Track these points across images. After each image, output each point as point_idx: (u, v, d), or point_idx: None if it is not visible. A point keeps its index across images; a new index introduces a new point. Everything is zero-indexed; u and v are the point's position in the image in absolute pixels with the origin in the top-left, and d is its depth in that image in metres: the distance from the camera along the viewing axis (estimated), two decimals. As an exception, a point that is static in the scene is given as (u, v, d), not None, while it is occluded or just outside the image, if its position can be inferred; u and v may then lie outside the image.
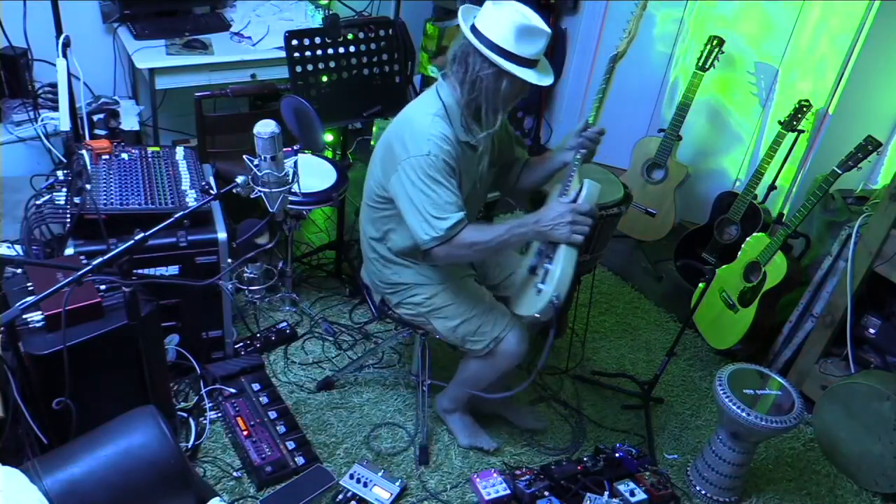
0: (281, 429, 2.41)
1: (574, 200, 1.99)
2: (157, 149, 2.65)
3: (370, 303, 3.04)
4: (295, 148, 2.79)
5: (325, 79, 3.17)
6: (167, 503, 1.63)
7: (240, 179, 1.84)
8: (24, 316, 1.80)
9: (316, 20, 3.63)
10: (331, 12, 3.40)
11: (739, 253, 2.94)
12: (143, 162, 2.55)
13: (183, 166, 2.59)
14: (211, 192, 2.43)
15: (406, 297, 2.24)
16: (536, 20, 1.92)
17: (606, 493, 2.28)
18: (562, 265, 2.01)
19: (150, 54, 3.18)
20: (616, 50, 2.19)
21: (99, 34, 3.44)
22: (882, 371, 2.65)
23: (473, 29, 1.94)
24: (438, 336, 2.28)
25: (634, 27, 2.24)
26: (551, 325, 2.04)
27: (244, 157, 1.85)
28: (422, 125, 1.99)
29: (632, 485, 2.31)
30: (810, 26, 3.14)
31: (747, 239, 2.92)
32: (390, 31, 3.30)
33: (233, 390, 2.51)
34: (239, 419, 2.41)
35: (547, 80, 1.97)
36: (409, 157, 1.97)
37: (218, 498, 1.73)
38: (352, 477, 2.28)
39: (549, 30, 1.93)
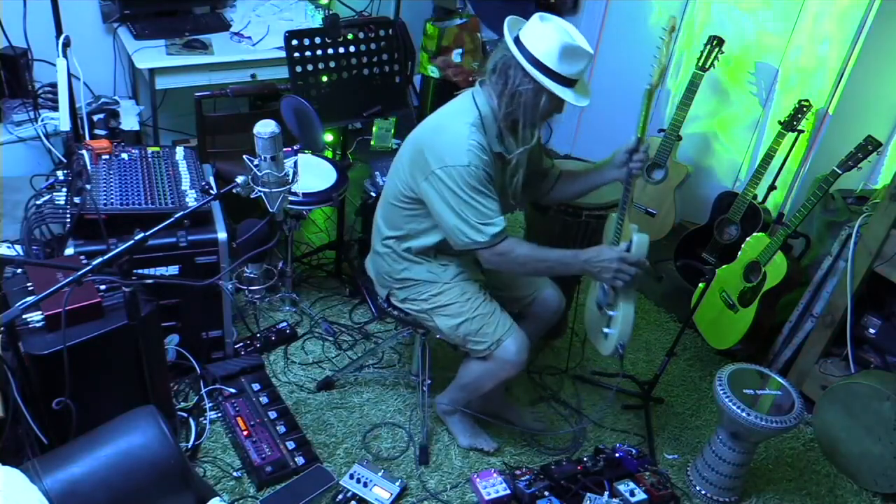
0: (281, 429, 2.41)
1: (627, 250, 2.13)
2: (157, 149, 2.65)
3: (370, 302, 3.05)
4: (295, 148, 2.79)
5: (325, 79, 3.17)
6: (167, 503, 1.63)
7: (240, 179, 1.84)
8: (24, 316, 1.80)
9: (316, 20, 3.63)
10: (331, 12, 3.40)
11: (739, 253, 2.94)
12: (143, 162, 2.55)
13: (183, 166, 2.59)
14: (211, 192, 2.43)
15: (413, 293, 2.25)
16: (581, 40, 1.93)
17: (606, 493, 2.28)
18: (622, 312, 2.19)
19: (150, 54, 3.19)
20: (649, 84, 2.18)
21: (99, 34, 3.44)
22: (882, 371, 2.65)
23: (517, 41, 1.95)
24: (440, 335, 2.28)
25: (664, 56, 2.19)
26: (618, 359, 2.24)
27: (244, 157, 1.85)
28: (459, 134, 2.00)
29: (632, 485, 2.31)
30: (810, 26, 3.14)
31: (747, 239, 2.92)
32: (390, 31, 3.30)
33: (233, 390, 2.51)
34: (239, 419, 2.41)
35: (584, 102, 1.99)
36: (445, 167, 1.98)
37: (218, 498, 1.73)
38: (352, 477, 2.28)
39: (591, 51, 1.94)
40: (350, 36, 3.20)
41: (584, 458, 2.41)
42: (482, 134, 2.01)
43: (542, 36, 1.91)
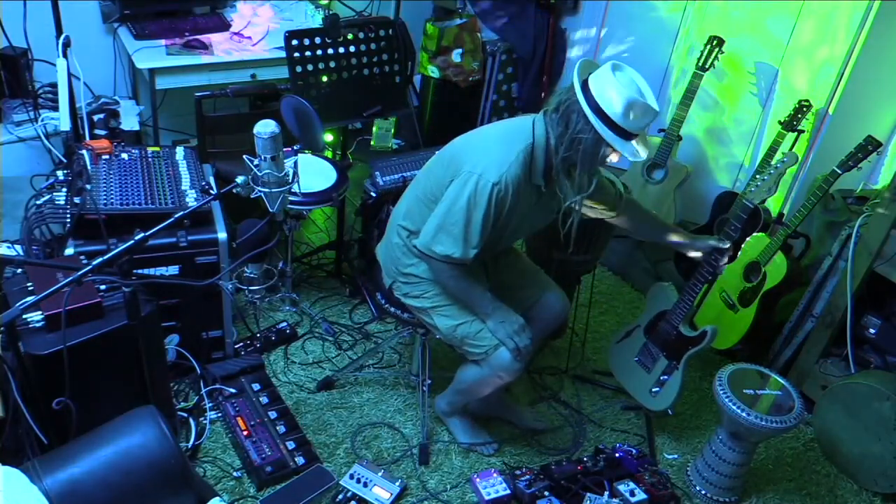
0: (281, 429, 2.41)
1: (702, 336, 2.36)
2: (157, 149, 2.65)
3: (370, 302, 3.05)
4: (295, 148, 2.79)
5: (325, 79, 3.17)
6: (167, 503, 1.63)
7: (240, 179, 1.84)
8: (24, 316, 1.80)
9: (316, 20, 3.63)
10: (331, 12, 3.40)
11: (739, 253, 2.94)
12: (143, 162, 2.55)
13: (183, 166, 2.59)
14: (211, 192, 2.43)
15: (416, 290, 2.25)
16: (650, 97, 1.93)
17: (606, 493, 2.28)
18: (680, 381, 2.41)
19: (150, 54, 3.19)
20: (750, 202, 2.20)
21: (99, 34, 3.44)
22: (882, 371, 2.65)
23: (585, 86, 1.94)
24: (438, 335, 2.28)
25: (774, 183, 2.17)
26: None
27: (244, 157, 1.85)
28: (506, 155, 2.01)
29: (632, 485, 2.31)
30: (810, 26, 3.14)
31: (747, 239, 2.92)
32: (390, 31, 3.30)
33: (233, 390, 2.51)
34: (239, 419, 2.41)
35: (641, 158, 1.99)
36: (476, 174, 1.99)
37: (218, 498, 1.73)
38: (352, 477, 2.28)
39: (658, 109, 1.95)
40: (350, 36, 3.20)
41: (584, 458, 2.41)
42: (527, 163, 2.03)
43: (612, 88, 1.90)
